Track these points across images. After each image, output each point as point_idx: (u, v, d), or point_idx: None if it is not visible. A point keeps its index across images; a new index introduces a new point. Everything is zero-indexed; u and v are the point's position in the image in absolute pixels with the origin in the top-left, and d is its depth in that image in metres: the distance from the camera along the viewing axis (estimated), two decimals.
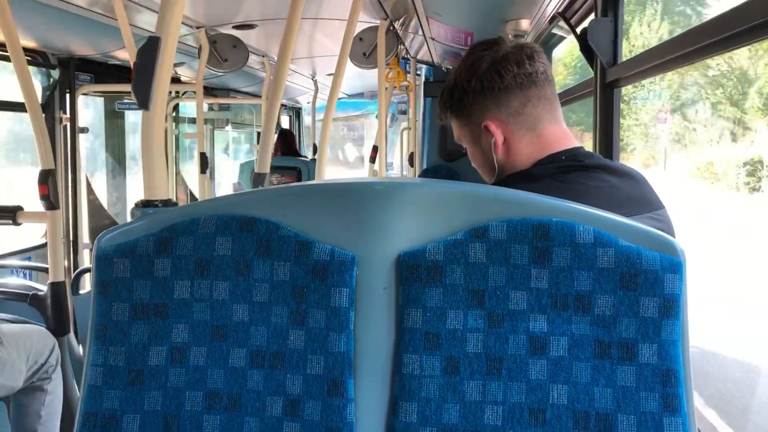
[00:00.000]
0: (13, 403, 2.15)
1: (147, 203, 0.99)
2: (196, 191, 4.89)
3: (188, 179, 5.89)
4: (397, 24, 3.15)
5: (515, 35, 2.70)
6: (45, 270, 2.43)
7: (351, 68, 3.11)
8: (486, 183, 1.17)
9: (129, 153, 4.96)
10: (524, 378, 0.72)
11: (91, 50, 3.59)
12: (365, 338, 0.74)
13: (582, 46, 1.85)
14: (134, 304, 0.77)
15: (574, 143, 1.12)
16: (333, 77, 2.34)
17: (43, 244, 3.34)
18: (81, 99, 3.89)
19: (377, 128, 3.58)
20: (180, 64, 4.09)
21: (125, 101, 4.46)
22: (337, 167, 12.95)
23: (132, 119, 4.93)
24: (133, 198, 4.79)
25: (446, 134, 4.33)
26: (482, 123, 1.13)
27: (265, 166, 1.84)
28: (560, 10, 2.23)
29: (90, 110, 4.65)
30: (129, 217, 0.95)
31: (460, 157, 4.30)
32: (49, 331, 2.25)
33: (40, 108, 2.23)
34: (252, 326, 0.75)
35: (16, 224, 2.26)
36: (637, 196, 1.06)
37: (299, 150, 6.60)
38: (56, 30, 3.08)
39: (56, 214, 2.27)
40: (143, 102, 0.96)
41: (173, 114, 5.34)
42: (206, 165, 3.91)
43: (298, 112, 8.42)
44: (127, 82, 4.04)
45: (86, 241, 3.94)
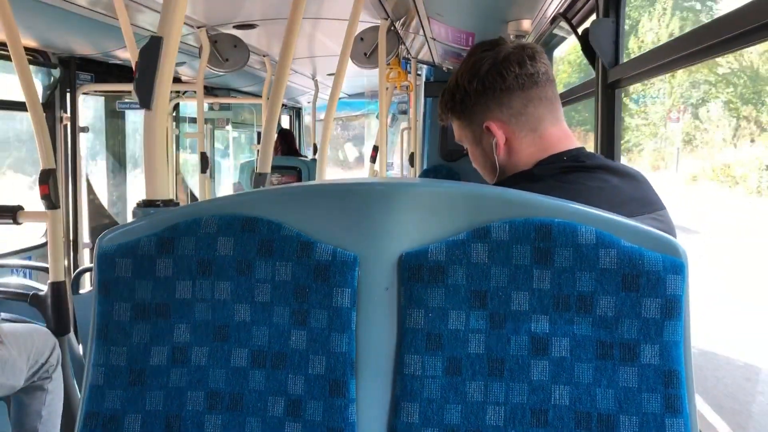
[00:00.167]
0: (14, 403, 2.15)
1: (149, 203, 0.99)
2: (196, 191, 4.89)
3: (188, 179, 5.89)
4: (398, 24, 3.15)
5: (516, 36, 2.70)
6: (45, 270, 2.42)
7: (352, 68, 3.10)
8: (487, 183, 1.17)
9: (129, 152, 4.96)
10: (526, 379, 0.72)
11: (92, 50, 3.59)
12: (367, 338, 0.74)
13: (583, 47, 1.85)
14: (136, 304, 0.77)
15: (576, 144, 1.12)
16: (334, 77, 2.34)
17: (44, 244, 3.34)
18: (81, 98, 3.89)
19: (377, 128, 3.58)
20: (181, 64, 4.09)
21: (125, 101, 4.46)
22: (337, 167, 12.94)
23: (132, 119, 4.93)
24: (133, 198, 4.79)
25: (447, 134, 4.33)
26: (484, 124, 1.13)
27: (267, 166, 1.84)
28: (561, 11, 2.23)
29: (90, 110, 4.65)
30: (129, 217, 0.95)
31: (461, 158, 4.31)
32: (50, 331, 2.25)
33: (41, 107, 2.22)
34: (254, 326, 0.75)
35: (17, 224, 2.25)
36: (639, 197, 1.06)
37: (299, 150, 6.60)
38: (57, 29, 3.08)
39: (57, 214, 2.27)
40: (145, 102, 0.95)
41: (173, 113, 5.34)
42: (207, 165, 3.90)
43: (299, 112, 8.42)
44: (128, 82, 4.06)
45: (86, 241, 3.94)
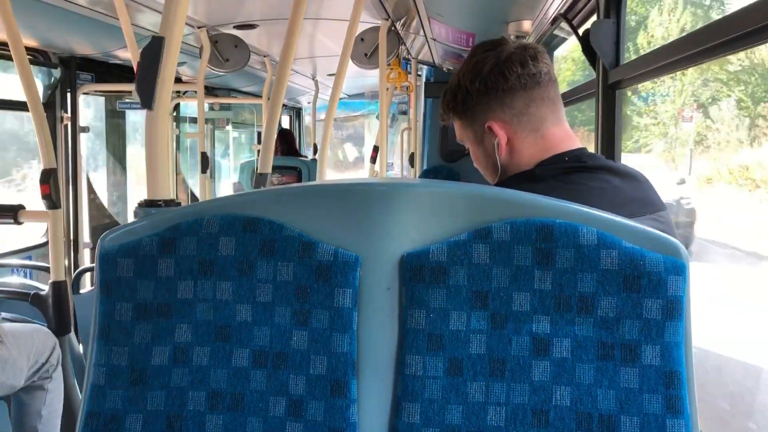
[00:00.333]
0: (14, 402, 2.15)
1: (150, 203, 0.98)
2: (197, 191, 4.89)
3: (188, 179, 5.89)
4: (399, 24, 3.15)
5: (517, 36, 2.70)
6: (46, 269, 2.43)
7: (352, 68, 3.10)
8: (488, 184, 1.18)
9: (129, 152, 4.96)
10: (527, 379, 0.72)
11: (93, 50, 3.59)
12: (368, 339, 0.74)
13: (584, 48, 1.85)
14: (137, 304, 0.77)
15: (578, 144, 1.12)
16: (334, 77, 2.34)
17: (44, 243, 3.34)
18: (82, 98, 3.89)
19: (378, 128, 3.58)
20: (181, 64, 4.09)
21: (126, 101, 4.46)
22: (337, 167, 12.93)
23: (132, 118, 4.93)
24: (134, 197, 4.79)
25: (447, 135, 4.33)
26: (486, 124, 1.13)
27: (267, 166, 1.84)
28: (562, 11, 2.23)
29: (91, 109, 4.65)
30: (129, 217, 0.95)
31: (461, 158, 4.31)
32: (50, 331, 2.25)
33: (42, 107, 2.23)
34: (255, 326, 0.75)
35: (18, 223, 2.25)
36: (640, 198, 1.06)
37: (299, 150, 6.60)
38: (58, 29, 3.08)
39: (57, 213, 2.27)
40: (147, 102, 0.95)
41: (174, 113, 5.34)
42: (207, 165, 3.90)
43: (299, 112, 8.43)
44: (128, 82, 4.06)
45: (87, 241, 3.94)
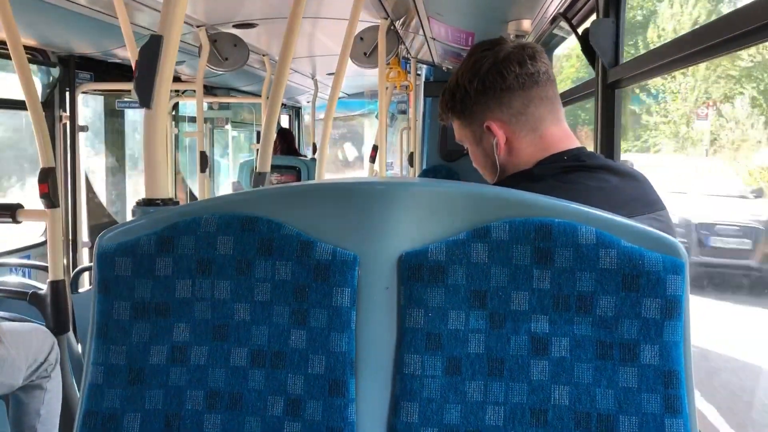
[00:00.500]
0: (13, 402, 2.15)
1: (148, 202, 0.98)
2: (196, 190, 4.89)
3: (187, 178, 5.89)
4: (398, 24, 3.15)
5: (516, 35, 2.69)
6: (44, 268, 2.42)
7: (351, 68, 3.10)
8: (487, 183, 1.17)
9: (128, 151, 4.95)
10: (526, 379, 0.72)
11: (92, 48, 3.59)
12: (367, 338, 0.74)
13: (583, 47, 1.85)
14: (135, 303, 0.77)
15: (576, 143, 1.12)
16: (333, 76, 2.34)
17: (43, 242, 3.33)
18: (81, 97, 3.89)
19: (377, 128, 3.58)
20: (180, 63, 4.09)
21: (125, 100, 4.46)
22: (336, 167, 12.92)
23: (131, 117, 4.92)
24: (132, 196, 4.79)
25: (446, 134, 4.33)
26: (484, 123, 1.13)
27: (266, 166, 1.84)
28: (562, 11, 2.23)
29: (89, 108, 4.64)
30: (128, 216, 0.95)
31: (460, 157, 4.30)
32: (49, 330, 2.25)
33: (41, 106, 2.22)
34: (253, 326, 0.75)
35: (16, 222, 2.25)
36: (639, 197, 1.06)
37: (299, 149, 6.60)
38: (57, 28, 3.08)
39: (56, 213, 2.27)
40: (145, 101, 0.95)
41: (173, 113, 5.34)
42: (206, 164, 3.90)
43: (298, 111, 8.42)
44: (127, 81, 4.06)
45: (85, 240, 3.94)
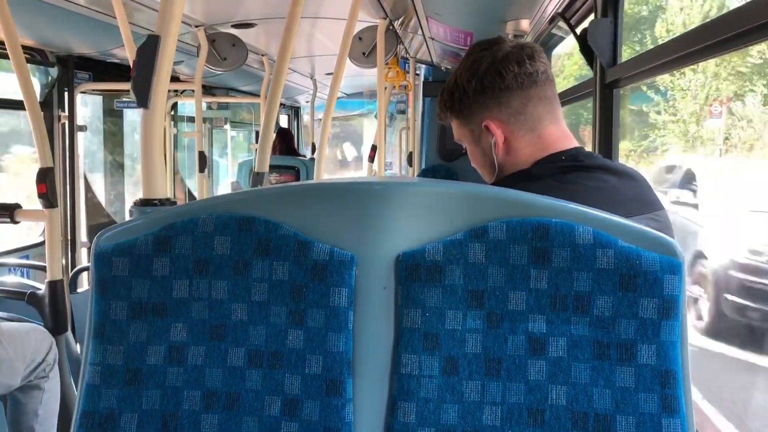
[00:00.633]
0: (11, 402, 2.15)
1: (146, 202, 0.98)
2: (195, 190, 4.88)
3: (186, 178, 5.89)
4: (397, 23, 3.15)
5: (515, 35, 2.69)
6: (43, 268, 2.42)
7: (350, 67, 3.10)
8: (486, 183, 1.17)
9: (127, 151, 4.95)
10: (523, 378, 0.72)
11: (90, 48, 3.58)
12: (364, 338, 0.74)
13: (581, 47, 1.85)
14: (132, 303, 0.76)
15: (575, 143, 1.12)
16: (332, 76, 2.34)
17: (41, 243, 3.33)
18: (79, 97, 3.88)
19: (376, 128, 3.58)
20: (179, 63, 4.09)
21: (124, 99, 4.46)
22: (335, 167, 12.92)
23: (130, 117, 4.92)
24: (131, 197, 4.79)
25: (445, 134, 4.33)
26: (482, 123, 1.12)
27: (264, 166, 1.84)
28: (560, 11, 2.23)
29: (88, 108, 4.64)
30: (127, 216, 0.95)
31: (459, 157, 4.30)
32: (47, 330, 2.25)
33: (39, 106, 2.22)
34: (251, 326, 0.75)
35: (14, 222, 2.25)
36: (637, 197, 1.06)
37: (298, 149, 6.60)
38: (55, 28, 3.08)
39: (54, 213, 2.27)
40: (142, 101, 0.95)
41: (172, 113, 5.34)
42: (205, 164, 3.90)
43: (297, 111, 8.42)
44: (126, 81, 4.06)
45: (84, 240, 3.93)
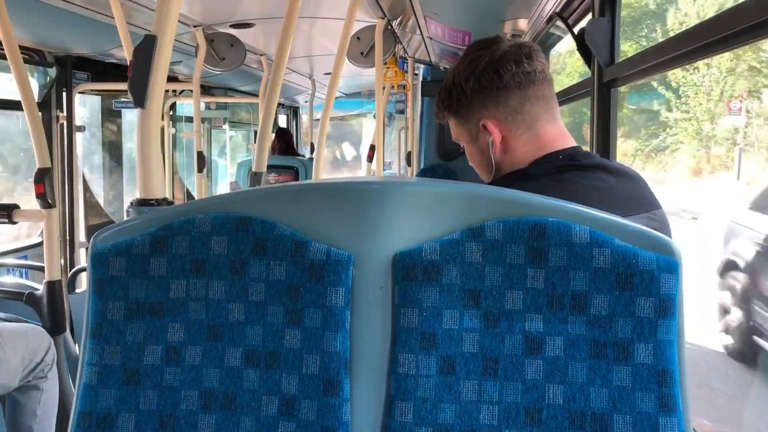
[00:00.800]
0: (9, 402, 2.15)
1: (143, 202, 0.98)
2: (193, 190, 4.88)
3: (185, 178, 5.89)
4: (395, 23, 3.15)
5: (513, 35, 2.70)
6: (41, 269, 2.42)
7: (348, 67, 3.10)
8: (483, 182, 1.17)
9: (126, 151, 4.95)
10: (520, 378, 0.72)
11: (88, 48, 3.58)
12: (361, 338, 0.74)
13: (579, 46, 1.85)
14: (130, 303, 0.76)
15: (572, 143, 1.12)
16: (330, 76, 2.34)
17: (40, 243, 3.33)
18: (77, 97, 3.88)
19: (375, 127, 3.58)
20: (177, 63, 4.09)
21: (122, 100, 4.46)
22: (334, 166, 12.93)
23: (129, 117, 4.92)
24: (130, 197, 4.78)
25: (444, 134, 4.33)
26: (480, 122, 1.12)
27: (262, 165, 1.84)
28: (558, 10, 2.23)
29: (86, 108, 4.64)
30: (125, 216, 0.95)
31: (458, 157, 4.30)
32: (45, 330, 2.25)
33: (37, 106, 2.22)
34: (248, 326, 0.75)
35: (12, 223, 2.25)
36: (635, 196, 1.06)
37: (296, 149, 6.60)
38: (53, 28, 3.07)
39: (53, 213, 2.27)
40: (139, 100, 0.95)
41: (170, 113, 5.34)
42: (203, 164, 3.90)
43: (296, 111, 8.42)
44: (124, 81, 4.04)
45: (82, 240, 3.93)
